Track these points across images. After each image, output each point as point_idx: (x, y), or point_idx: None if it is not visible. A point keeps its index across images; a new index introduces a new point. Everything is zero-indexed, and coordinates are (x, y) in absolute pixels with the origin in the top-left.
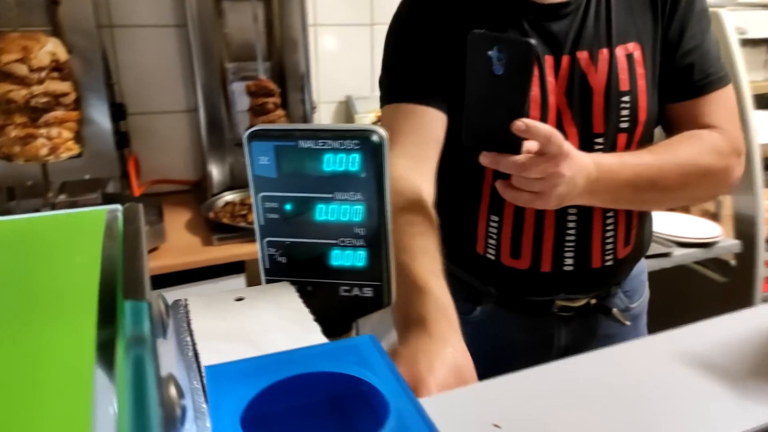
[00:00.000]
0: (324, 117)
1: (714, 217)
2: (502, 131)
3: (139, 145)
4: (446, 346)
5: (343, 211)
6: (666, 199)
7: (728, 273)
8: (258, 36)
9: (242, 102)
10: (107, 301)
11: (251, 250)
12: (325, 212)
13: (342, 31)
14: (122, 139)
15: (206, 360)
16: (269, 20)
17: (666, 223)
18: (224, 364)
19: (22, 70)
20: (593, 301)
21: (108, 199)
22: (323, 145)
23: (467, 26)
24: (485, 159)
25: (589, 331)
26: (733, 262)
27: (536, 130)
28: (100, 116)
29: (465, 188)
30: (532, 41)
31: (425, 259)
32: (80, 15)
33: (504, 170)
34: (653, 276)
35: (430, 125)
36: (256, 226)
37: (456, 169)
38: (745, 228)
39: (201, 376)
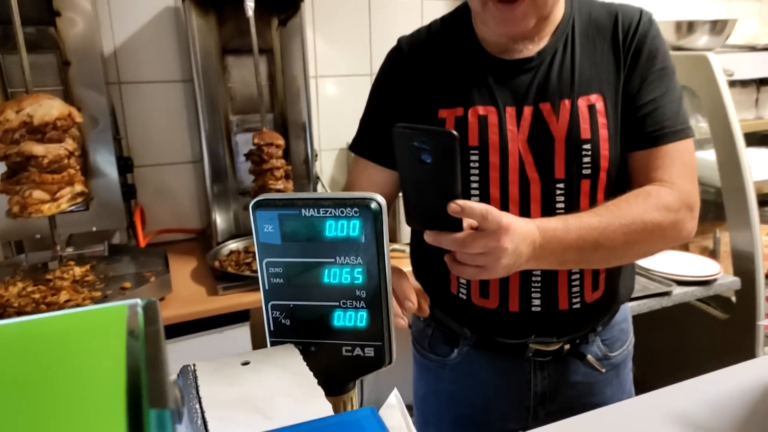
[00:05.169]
0: (325, 164)
1: (712, 254)
2: (439, 212)
3: (144, 195)
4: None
5: (345, 274)
6: (614, 258)
7: (730, 309)
8: (261, 89)
9: (244, 153)
10: (134, 408)
11: (256, 299)
12: (328, 276)
13: (342, 82)
14: (129, 191)
15: (215, 428)
16: (272, 74)
17: (665, 262)
18: None
19: None
20: (567, 346)
21: (114, 251)
22: (325, 213)
23: (435, 88)
24: (428, 237)
25: (566, 377)
26: (733, 298)
27: (471, 211)
28: (108, 169)
29: None
30: (454, 132)
31: None
32: (90, 74)
33: (446, 247)
34: (654, 313)
35: (383, 182)
36: (261, 291)
37: None
38: (743, 264)
39: None
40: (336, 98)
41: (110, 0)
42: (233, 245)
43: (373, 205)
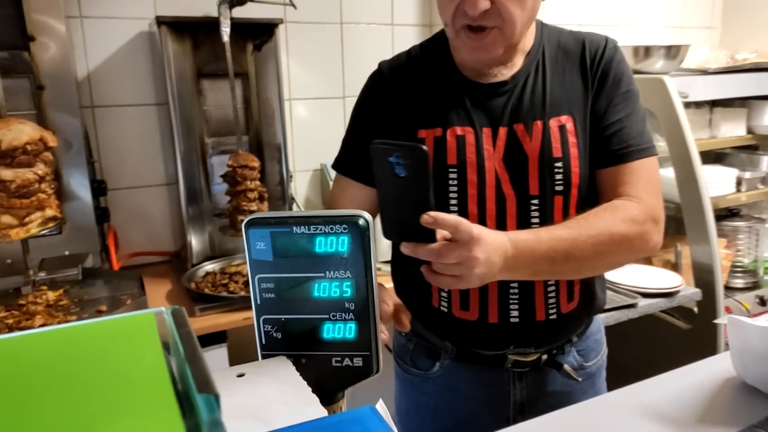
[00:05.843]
0: (300, 185)
1: (675, 267)
2: (414, 224)
3: (118, 218)
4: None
5: (334, 288)
6: (584, 268)
7: (692, 320)
8: (237, 112)
9: (220, 175)
10: (183, 395)
11: (233, 320)
12: (318, 290)
13: (316, 104)
14: (102, 214)
15: None
16: (247, 97)
17: (630, 275)
18: None
19: None
20: (545, 356)
21: (87, 274)
22: (315, 230)
23: (415, 110)
24: (405, 249)
25: (544, 387)
26: (695, 309)
27: (443, 221)
28: (81, 193)
29: None
30: (424, 147)
31: None
32: (64, 98)
33: (422, 258)
34: (622, 326)
35: (364, 200)
36: (253, 306)
37: None
38: (703, 276)
39: None
40: (310, 120)
41: (84, 24)
42: (209, 267)
43: (361, 222)
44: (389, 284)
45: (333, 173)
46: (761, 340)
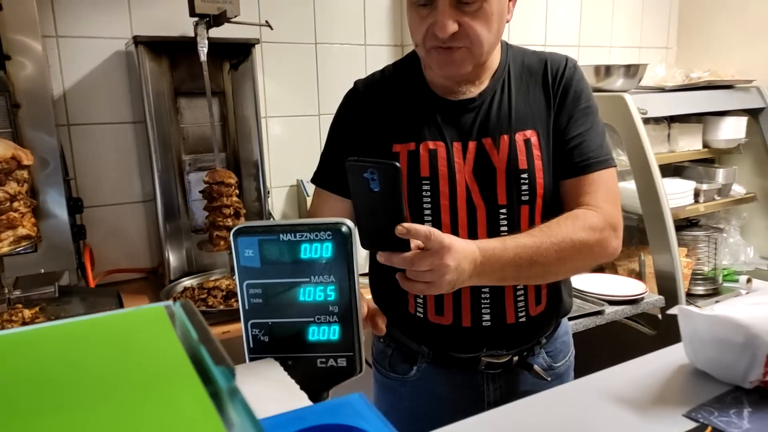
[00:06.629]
0: (276, 201)
1: (639, 275)
2: (389, 235)
3: (95, 235)
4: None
5: (319, 292)
6: (548, 274)
7: (657, 326)
8: (214, 129)
9: (199, 190)
10: (202, 369)
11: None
12: (303, 294)
13: (291, 122)
14: (79, 232)
15: None
16: (224, 114)
17: (596, 284)
18: None
19: None
20: (516, 358)
21: (63, 292)
22: (301, 237)
23: (389, 126)
24: (381, 257)
25: (516, 387)
26: (660, 315)
27: (416, 232)
28: (58, 211)
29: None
30: (396, 164)
31: None
32: (40, 116)
33: (397, 266)
34: (590, 333)
35: (342, 211)
36: (240, 311)
37: None
38: (666, 284)
39: None
40: (286, 137)
41: (60, 43)
42: (187, 282)
43: (344, 229)
44: (367, 296)
45: (309, 188)
46: (708, 329)
